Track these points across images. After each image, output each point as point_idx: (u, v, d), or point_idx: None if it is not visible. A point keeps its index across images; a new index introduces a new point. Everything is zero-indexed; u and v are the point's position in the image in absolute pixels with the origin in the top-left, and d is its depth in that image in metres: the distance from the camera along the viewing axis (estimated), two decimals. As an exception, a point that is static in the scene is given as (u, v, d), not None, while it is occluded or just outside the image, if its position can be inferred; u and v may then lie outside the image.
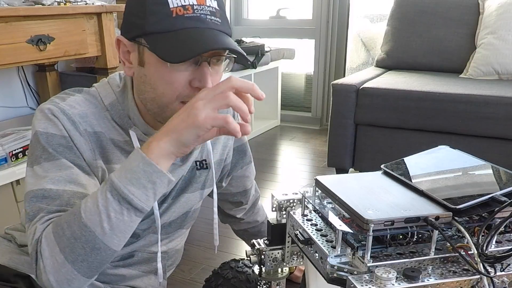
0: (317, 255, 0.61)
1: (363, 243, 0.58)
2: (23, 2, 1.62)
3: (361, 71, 2.53)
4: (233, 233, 1.35)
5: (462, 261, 0.57)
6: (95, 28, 1.73)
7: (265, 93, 0.74)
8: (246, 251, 0.80)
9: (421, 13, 2.47)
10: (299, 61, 3.32)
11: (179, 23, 0.76)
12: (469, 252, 0.56)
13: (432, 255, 0.58)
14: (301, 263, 0.79)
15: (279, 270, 0.80)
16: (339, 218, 0.64)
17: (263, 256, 0.77)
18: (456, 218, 0.60)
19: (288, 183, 2.27)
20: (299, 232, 0.67)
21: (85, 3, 1.73)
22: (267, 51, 2.81)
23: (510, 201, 0.60)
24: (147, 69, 0.80)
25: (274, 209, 0.77)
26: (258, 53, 2.70)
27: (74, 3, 1.68)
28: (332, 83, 2.12)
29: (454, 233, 0.63)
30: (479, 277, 0.55)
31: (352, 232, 0.59)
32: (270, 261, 0.78)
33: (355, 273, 0.56)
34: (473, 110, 1.83)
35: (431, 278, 0.55)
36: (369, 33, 3.07)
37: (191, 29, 0.76)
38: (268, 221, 0.77)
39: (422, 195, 0.65)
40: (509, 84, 2.03)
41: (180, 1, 0.75)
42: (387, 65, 2.56)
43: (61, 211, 0.76)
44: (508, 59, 2.15)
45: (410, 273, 0.54)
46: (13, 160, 1.62)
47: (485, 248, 0.57)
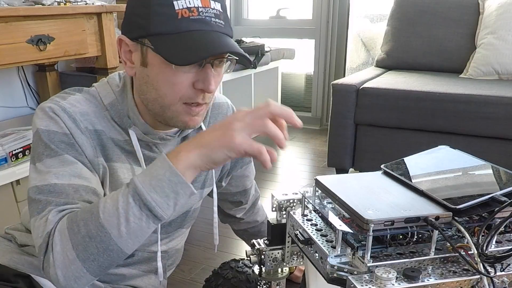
0: (317, 255, 0.61)
1: (363, 243, 0.58)
2: (23, 2, 1.62)
3: (361, 71, 2.53)
4: (233, 233, 1.35)
5: (462, 261, 0.57)
6: (95, 28, 1.73)
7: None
8: (246, 251, 0.80)
9: (421, 13, 2.47)
10: (299, 61, 3.31)
11: (184, 25, 0.76)
12: (469, 252, 0.56)
13: (432, 255, 0.58)
14: (301, 263, 0.79)
15: (279, 270, 0.80)
16: (339, 218, 0.64)
17: (263, 256, 0.77)
18: (456, 218, 0.60)
19: (288, 183, 2.27)
20: (299, 232, 0.67)
21: (85, 3, 1.72)
22: (267, 51, 2.80)
23: (510, 201, 0.60)
24: (150, 70, 0.80)
25: (274, 209, 0.77)
26: (258, 53, 2.70)
27: (74, 3, 1.68)
28: (332, 83, 2.12)
29: (454, 233, 0.63)
30: (479, 277, 0.55)
31: (352, 232, 0.59)
32: (270, 261, 0.78)
33: (355, 273, 0.56)
34: (473, 110, 1.83)
35: (431, 278, 0.55)
36: (369, 33, 3.07)
37: (196, 31, 0.76)
38: (268, 221, 0.77)
39: (422, 195, 0.65)
40: (509, 84, 2.03)
41: (185, 3, 0.75)
42: (387, 65, 2.56)
43: (69, 203, 0.76)
44: (508, 59, 2.16)
45: (410, 273, 0.54)
46: (13, 160, 1.62)
47: (485, 248, 0.57)
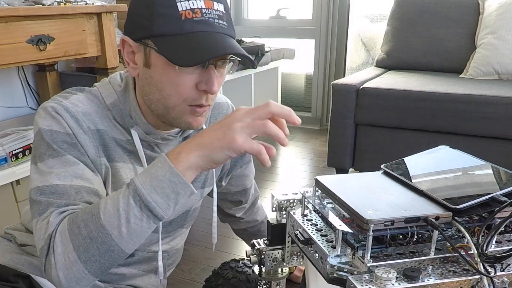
0: (317, 255, 0.61)
1: (363, 243, 0.58)
2: (23, 2, 1.62)
3: (361, 71, 2.53)
4: (233, 233, 1.35)
5: (462, 261, 0.57)
6: (95, 28, 1.73)
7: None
8: (246, 251, 0.80)
9: (421, 13, 2.47)
10: (299, 61, 3.31)
11: (188, 26, 0.76)
12: (469, 252, 0.56)
13: (432, 255, 0.58)
14: (301, 263, 0.79)
15: (279, 270, 0.80)
16: (339, 218, 0.64)
17: (263, 256, 0.77)
18: (456, 218, 0.60)
19: (288, 183, 2.27)
20: (299, 232, 0.67)
21: (85, 3, 1.72)
22: (267, 51, 2.80)
23: (510, 201, 0.60)
24: (153, 71, 0.80)
25: (274, 209, 0.77)
26: (258, 53, 2.70)
27: (74, 3, 1.68)
28: (332, 83, 2.12)
29: (454, 233, 0.63)
30: (479, 277, 0.55)
31: (352, 232, 0.59)
32: (270, 261, 0.78)
33: (355, 273, 0.56)
34: (473, 110, 1.83)
35: (431, 278, 0.54)
36: (369, 33, 3.07)
37: (200, 32, 0.76)
38: (268, 221, 0.77)
39: (422, 195, 0.65)
40: (509, 84, 2.03)
41: (188, 4, 0.75)
42: (387, 65, 2.56)
43: (70, 204, 0.76)
44: (508, 59, 2.16)
45: (410, 273, 0.54)
46: (13, 160, 1.62)
47: (485, 248, 0.57)
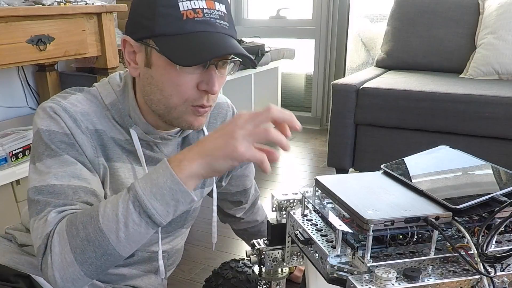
0: (317, 255, 0.61)
1: (363, 243, 0.58)
2: (23, 2, 1.62)
3: (361, 71, 2.53)
4: (233, 233, 1.35)
5: (462, 261, 0.57)
6: (95, 28, 1.73)
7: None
8: (246, 251, 0.80)
9: (421, 13, 2.47)
10: (299, 61, 3.31)
11: (189, 26, 0.76)
12: (469, 252, 0.56)
13: (432, 255, 0.58)
14: (301, 263, 0.79)
15: (279, 270, 0.80)
16: (339, 218, 0.64)
17: (263, 256, 0.77)
18: (456, 218, 0.60)
19: (288, 183, 2.27)
20: (299, 232, 0.67)
21: (85, 3, 1.72)
22: (267, 51, 2.80)
23: (510, 201, 0.60)
24: (154, 71, 0.80)
25: (274, 209, 0.77)
26: (258, 53, 2.69)
27: (74, 3, 1.68)
28: (332, 83, 2.12)
29: (454, 233, 0.63)
30: (479, 277, 0.55)
31: (352, 232, 0.59)
32: (270, 261, 0.78)
33: (355, 273, 0.56)
34: (473, 110, 1.83)
35: (431, 278, 0.54)
36: (369, 33, 3.07)
37: (201, 32, 0.76)
38: (268, 221, 0.77)
39: (422, 195, 0.65)
40: (509, 84, 2.03)
41: (190, 4, 0.75)
42: (387, 65, 2.56)
43: (68, 204, 0.76)
44: (508, 59, 2.16)
45: (410, 273, 0.54)
46: (13, 160, 1.62)
47: (485, 248, 0.57)
